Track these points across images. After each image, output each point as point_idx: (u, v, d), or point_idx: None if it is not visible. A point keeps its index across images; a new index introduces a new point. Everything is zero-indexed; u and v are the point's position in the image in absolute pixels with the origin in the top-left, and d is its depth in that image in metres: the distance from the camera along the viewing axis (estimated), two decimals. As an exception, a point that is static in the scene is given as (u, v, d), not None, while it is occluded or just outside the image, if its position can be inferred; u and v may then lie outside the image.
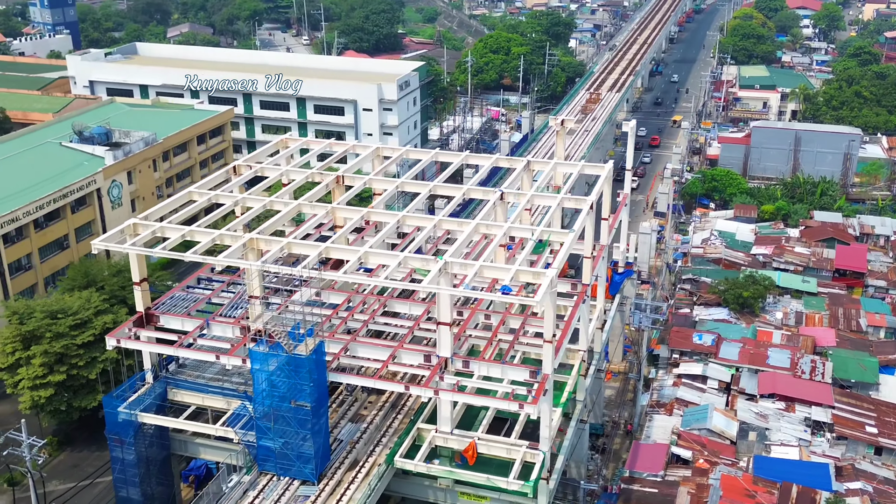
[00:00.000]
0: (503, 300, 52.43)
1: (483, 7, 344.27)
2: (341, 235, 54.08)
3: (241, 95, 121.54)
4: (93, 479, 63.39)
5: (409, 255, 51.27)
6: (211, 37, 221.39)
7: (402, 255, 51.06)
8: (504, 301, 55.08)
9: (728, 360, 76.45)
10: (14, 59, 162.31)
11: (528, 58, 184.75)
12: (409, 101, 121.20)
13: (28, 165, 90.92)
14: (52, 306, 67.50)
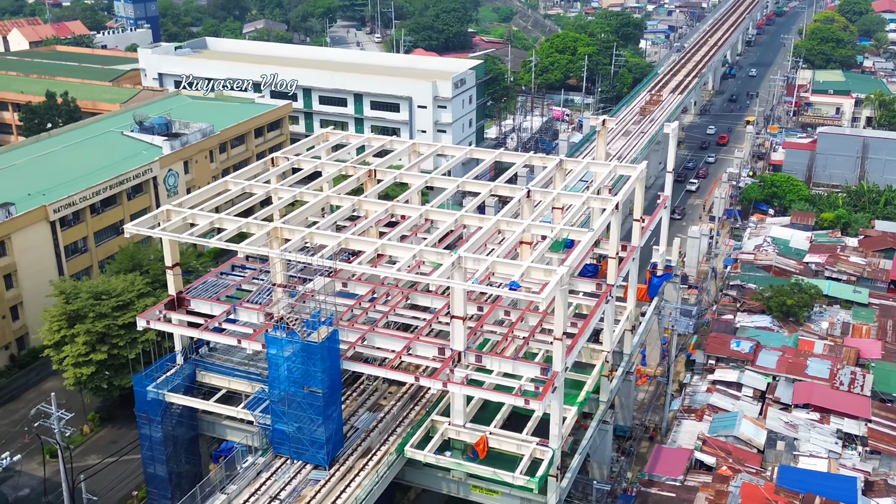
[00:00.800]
0: (523, 297, 52.49)
1: (558, 7, 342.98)
2: (361, 227, 55.12)
3: (301, 91, 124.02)
4: (119, 455, 65.97)
5: (424, 248, 51.98)
6: (284, 33, 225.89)
7: (417, 247, 51.86)
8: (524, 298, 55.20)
9: (765, 368, 74.98)
10: (92, 51, 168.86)
11: (595, 58, 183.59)
12: (465, 98, 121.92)
13: (90, 153, 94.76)
14: (97, 287, 70.38)
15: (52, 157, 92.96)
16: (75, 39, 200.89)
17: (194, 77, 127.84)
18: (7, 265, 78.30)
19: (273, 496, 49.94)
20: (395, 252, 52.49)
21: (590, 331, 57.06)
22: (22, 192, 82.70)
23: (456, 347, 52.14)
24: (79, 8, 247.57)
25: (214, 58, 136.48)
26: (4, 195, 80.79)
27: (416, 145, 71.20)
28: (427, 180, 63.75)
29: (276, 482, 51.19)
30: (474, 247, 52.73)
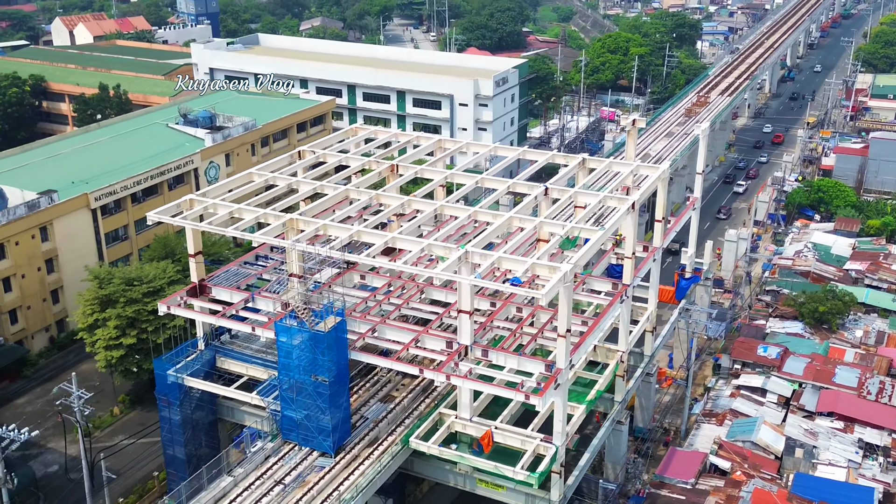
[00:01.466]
0: (523, 293, 52.70)
1: (618, 7, 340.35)
2: (375, 220, 55.98)
3: (345, 87, 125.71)
4: (139, 437, 68.10)
5: (432, 242, 52.60)
6: (340, 31, 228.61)
7: (426, 241, 52.52)
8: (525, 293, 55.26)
9: (791, 374, 73.80)
10: (150, 45, 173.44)
11: (647, 59, 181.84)
12: (507, 97, 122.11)
13: (135, 144, 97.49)
14: (129, 273, 72.57)
15: (97, 147, 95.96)
16: (137, 34, 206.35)
17: (243, 72, 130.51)
18: (49, 250, 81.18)
19: (278, 480, 51.12)
20: (405, 245, 53.12)
21: (601, 330, 56.96)
22: (66, 181, 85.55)
23: (463, 341, 52.66)
24: (144, 4, 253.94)
25: (263, 54, 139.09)
26: (49, 183, 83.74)
27: (441, 141, 71.83)
28: (446, 176, 64.32)
29: (283, 467, 52.38)
30: (484, 242, 53.16)
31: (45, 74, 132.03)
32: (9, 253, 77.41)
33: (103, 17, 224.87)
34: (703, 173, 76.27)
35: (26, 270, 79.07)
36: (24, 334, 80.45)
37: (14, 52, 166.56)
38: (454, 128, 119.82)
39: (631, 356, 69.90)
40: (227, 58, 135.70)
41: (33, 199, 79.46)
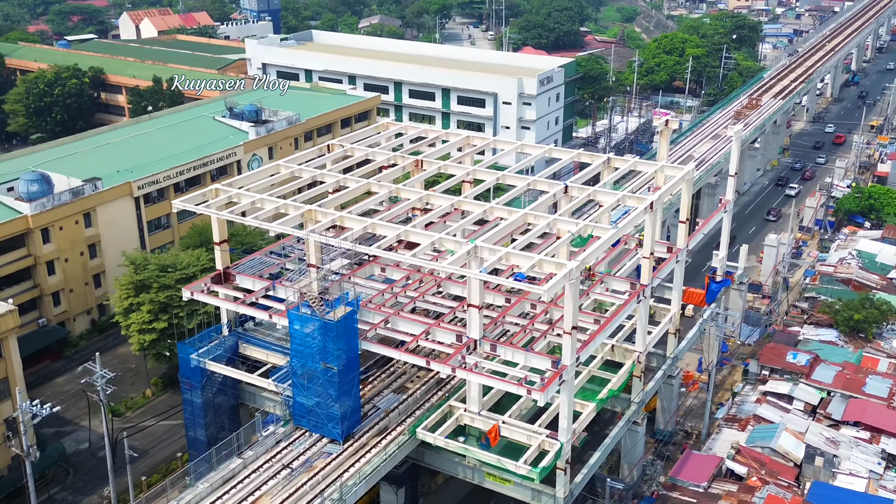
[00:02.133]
0: (526, 288, 52.86)
1: (682, 8, 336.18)
2: (391, 213, 56.82)
3: (392, 84, 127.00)
4: (162, 418, 70.28)
5: (443, 236, 53.21)
6: (397, 28, 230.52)
7: (437, 235, 53.15)
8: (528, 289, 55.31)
9: (820, 382, 72.48)
10: (209, 40, 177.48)
11: (704, 60, 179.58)
12: (551, 96, 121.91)
13: (181, 135, 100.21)
14: (164, 260, 74.79)
15: (144, 137, 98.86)
16: (199, 30, 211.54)
17: (294, 68, 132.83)
18: (92, 235, 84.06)
19: (286, 464, 52.30)
20: (416, 238, 53.85)
21: (612, 328, 56.86)
22: (111, 169, 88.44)
23: (472, 335, 53.16)
24: (209, 0, 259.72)
25: (315, 50, 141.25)
26: (95, 171, 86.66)
27: (468, 138, 72.38)
28: (468, 172, 64.86)
29: (292, 452, 53.54)
30: (496, 237, 53.60)
31: (105, 67, 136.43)
32: (53, 237, 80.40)
33: (168, 12, 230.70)
34: (735, 175, 75.19)
35: (69, 255, 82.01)
36: (67, 316, 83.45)
37: (78, 45, 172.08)
38: (497, 126, 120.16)
39: (653, 358, 69.84)
40: (280, 54, 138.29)
41: (78, 185, 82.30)
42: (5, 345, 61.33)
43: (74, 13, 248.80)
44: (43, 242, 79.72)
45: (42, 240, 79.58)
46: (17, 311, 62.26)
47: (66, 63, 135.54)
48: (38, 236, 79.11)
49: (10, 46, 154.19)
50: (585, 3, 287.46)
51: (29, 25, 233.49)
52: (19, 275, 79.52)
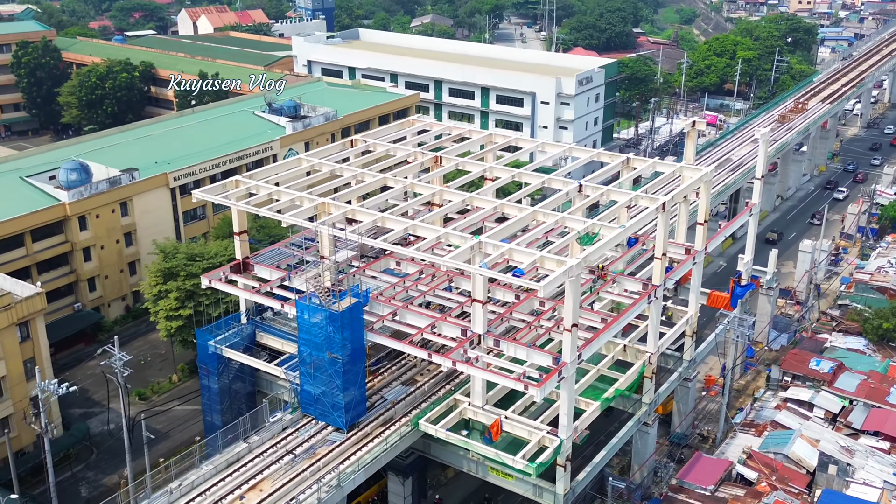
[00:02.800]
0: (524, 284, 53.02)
1: (742, 10, 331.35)
2: (401, 209, 57.63)
3: (432, 82, 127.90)
4: (176, 403, 72.24)
5: (449, 231, 53.83)
6: (448, 28, 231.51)
7: (443, 230, 53.81)
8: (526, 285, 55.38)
9: (843, 390, 71.21)
10: (261, 38, 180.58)
11: (755, 63, 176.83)
12: (591, 97, 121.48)
13: (220, 129, 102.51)
14: (193, 249, 76.79)
15: (185, 130, 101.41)
16: (254, 27, 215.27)
17: (338, 65, 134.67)
18: (128, 224, 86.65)
19: (290, 450, 53.50)
20: (423, 232, 54.56)
21: (618, 328, 56.86)
22: (150, 160, 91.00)
23: (476, 330, 53.70)
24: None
25: (360, 48, 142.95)
26: (132, 161, 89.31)
27: (491, 135, 72.87)
28: (485, 169, 65.37)
29: (297, 438, 54.73)
30: (503, 234, 54.06)
31: (155, 61, 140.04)
32: (90, 225, 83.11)
33: (225, 9, 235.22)
34: (762, 179, 74.36)
35: (105, 242, 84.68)
36: (101, 302, 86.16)
37: (133, 40, 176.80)
38: (535, 125, 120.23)
39: (670, 360, 69.50)
40: (325, 51, 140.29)
41: (115, 175, 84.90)
42: (32, 326, 63.72)
43: (136, 10, 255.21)
44: (80, 230, 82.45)
45: (79, 227, 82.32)
46: (44, 295, 64.64)
47: (119, 57, 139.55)
48: (75, 223, 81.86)
49: (67, 41, 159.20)
50: (642, 5, 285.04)
51: (93, 21, 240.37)
52: (57, 260, 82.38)
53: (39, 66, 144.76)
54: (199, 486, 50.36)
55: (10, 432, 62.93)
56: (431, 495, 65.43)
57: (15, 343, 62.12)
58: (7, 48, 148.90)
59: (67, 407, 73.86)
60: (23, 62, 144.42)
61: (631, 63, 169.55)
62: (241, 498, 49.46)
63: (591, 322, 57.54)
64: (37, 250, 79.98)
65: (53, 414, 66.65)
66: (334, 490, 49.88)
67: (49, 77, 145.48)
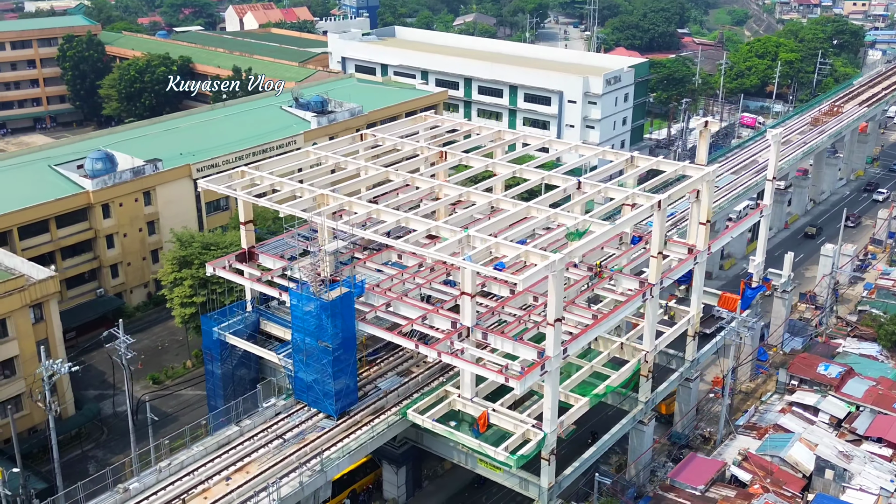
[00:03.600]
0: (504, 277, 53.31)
1: (795, 12, 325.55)
2: (395, 201, 58.56)
3: (462, 80, 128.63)
4: (180, 387, 74.14)
5: (440, 224, 54.59)
6: (490, 27, 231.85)
7: (433, 223, 54.61)
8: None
9: (850, 395, 70.30)
10: (301, 34, 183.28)
11: (797, 65, 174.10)
12: (619, 96, 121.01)
13: (247, 123, 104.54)
14: (208, 239, 78.70)
15: (213, 123, 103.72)
16: (298, 24, 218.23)
17: (371, 62, 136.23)
18: (151, 213, 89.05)
19: (279, 435, 54.78)
20: (414, 225, 55.41)
21: (608, 324, 57.03)
22: (174, 152, 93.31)
23: (465, 323, 54.40)
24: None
25: (395, 46, 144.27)
26: (158, 152, 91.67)
27: (500, 132, 73.42)
28: (487, 165, 65.99)
29: (288, 424, 55.98)
30: (493, 228, 54.66)
31: (193, 56, 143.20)
32: (113, 213, 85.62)
33: (272, 6, 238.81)
34: (773, 180, 73.67)
35: (128, 230, 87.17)
36: (124, 288, 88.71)
37: (177, 35, 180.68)
38: (562, 124, 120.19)
39: (673, 360, 69.37)
40: (358, 48, 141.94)
41: (139, 165, 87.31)
42: (46, 308, 66.06)
43: (186, 6, 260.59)
44: (103, 217, 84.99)
45: (102, 215, 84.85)
46: (57, 278, 67.02)
47: (159, 52, 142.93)
48: (99, 211, 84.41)
49: (113, 35, 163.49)
50: (691, 5, 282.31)
51: (144, 17, 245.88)
52: (80, 246, 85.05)
53: (83, 59, 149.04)
54: (189, 466, 51.85)
55: (23, 410, 65.35)
56: (427, 486, 66.26)
57: (28, 324, 64.48)
58: (54, 42, 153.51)
59: (83, 388, 76.37)
60: (67, 55, 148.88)
61: (669, 64, 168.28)
62: (228, 479, 50.84)
63: (584, 318, 57.74)
64: (61, 236, 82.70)
65: (66, 394, 69.10)
66: (317, 474, 50.99)
67: (92, 70, 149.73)
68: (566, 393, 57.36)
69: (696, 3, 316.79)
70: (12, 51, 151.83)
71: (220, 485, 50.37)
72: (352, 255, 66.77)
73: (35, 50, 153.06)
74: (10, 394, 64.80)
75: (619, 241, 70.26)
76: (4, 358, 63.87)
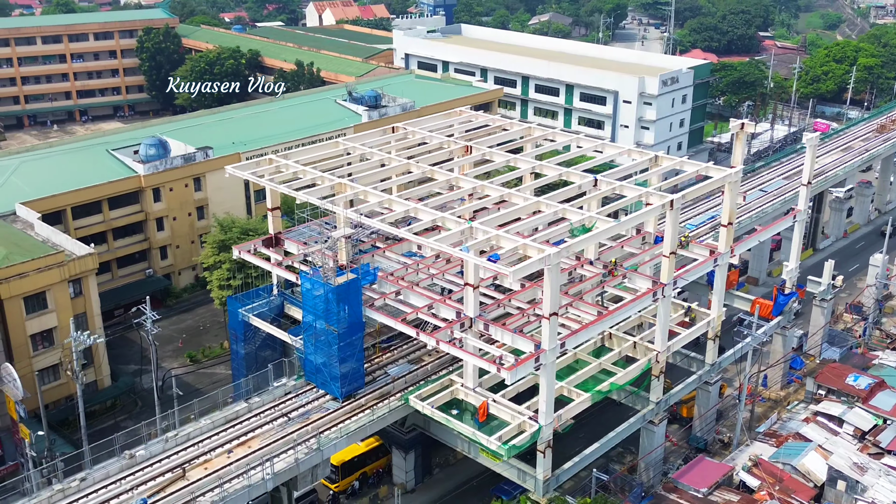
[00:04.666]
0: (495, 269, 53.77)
1: (891, 16, 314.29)
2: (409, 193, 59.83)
3: (519, 78, 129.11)
4: (200, 366, 77.37)
5: (446, 215, 55.64)
6: (564, 26, 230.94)
7: (439, 214, 55.72)
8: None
9: (878, 408, 68.41)
10: (371, 31, 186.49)
11: (877, 70, 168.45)
12: (676, 97, 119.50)
13: (301, 115, 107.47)
14: (248, 225, 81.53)
15: (268, 114, 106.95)
16: (374, 21, 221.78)
17: (432, 59, 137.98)
18: (200, 199, 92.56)
19: (285, 413, 56.74)
20: (421, 215, 56.61)
21: (611, 322, 57.15)
22: (228, 141, 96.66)
23: (468, 313, 55.38)
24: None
25: (459, 43, 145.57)
26: (212, 141, 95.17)
27: (530, 129, 74.02)
28: (509, 160, 66.73)
29: (294, 403, 57.91)
30: (499, 220, 55.48)
31: (262, 50, 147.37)
32: (163, 197, 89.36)
33: (351, 3, 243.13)
34: (808, 185, 72.21)
35: (178, 214, 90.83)
36: (172, 269, 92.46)
37: (252, 30, 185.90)
38: (616, 124, 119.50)
39: (693, 363, 68.80)
40: (422, 45, 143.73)
41: (190, 153, 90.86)
42: (85, 283, 69.67)
43: (271, 2, 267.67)
44: (154, 201, 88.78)
45: (153, 198, 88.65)
46: (96, 255, 70.48)
47: (231, 45, 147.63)
48: (150, 195, 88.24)
49: (190, 28, 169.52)
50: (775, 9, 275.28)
51: (231, 12, 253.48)
52: (132, 228, 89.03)
53: (160, 50, 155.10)
54: (195, 438, 54.21)
55: (60, 379, 69.14)
56: (437, 474, 67.37)
57: (67, 297, 68.15)
58: (134, 33, 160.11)
59: (124, 362, 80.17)
60: (145, 47, 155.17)
61: (740, 66, 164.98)
62: (230, 452, 53.00)
63: (585, 314, 58.00)
64: (113, 217, 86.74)
65: (102, 366, 72.76)
66: (314, 452, 52.68)
67: (168, 61, 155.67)
68: (569, 388, 57.76)
69: (787, 6, 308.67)
70: (95, 41, 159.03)
71: (221, 457, 52.55)
72: (373, 243, 68.41)
73: (116, 41, 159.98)
74: (49, 363, 68.52)
75: (643, 240, 70.09)
76: (44, 329, 67.56)
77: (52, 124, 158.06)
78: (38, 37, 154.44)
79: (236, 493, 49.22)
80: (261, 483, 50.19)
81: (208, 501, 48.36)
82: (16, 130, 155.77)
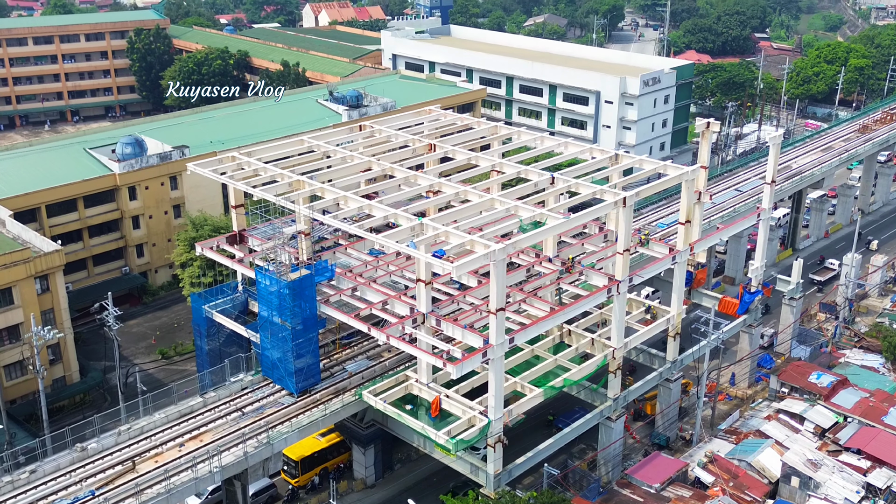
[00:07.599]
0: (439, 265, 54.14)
1: (892, 17, 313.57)
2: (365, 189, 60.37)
3: (504, 78, 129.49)
4: (177, 362, 78.02)
5: (398, 212, 56.09)
6: (559, 28, 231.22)
7: (391, 210, 56.19)
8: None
9: (839, 406, 68.67)
10: (363, 32, 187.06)
11: (868, 72, 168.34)
12: (658, 98, 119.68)
13: (281, 114, 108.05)
14: (219, 223, 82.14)
15: (248, 114, 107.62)
16: (369, 23, 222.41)
17: (419, 60, 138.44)
18: (176, 197, 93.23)
19: (240, 408, 57.27)
20: (374, 212, 57.07)
21: (562, 318, 57.50)
22: (205, 140, 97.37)
23: (420, 309, 55.82)
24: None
25: (445, 44, 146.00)
26: (189, 139, 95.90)
27: (496, 127, 74.45)
28: (471, 157, 67.14)
29: (250, 398, 58.42)
30: (449, 217, 55.92)
31: (251, 50, 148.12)
32: (139, 195, 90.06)
33: (347, 5, 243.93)
34: (772, 184, 72.40)
35: (154, 212, 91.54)
36: (148, 267, 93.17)
37: (243, 30, 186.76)
38: (598, 124, 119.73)
39: (655, 360, 69.10)
40: (409, 45, 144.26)
41: (167, 151, 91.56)
42: (52, 279, 70.35)
43: (269, 3, 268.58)
44: (129, 199, 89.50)
45: (129, 196, 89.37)
46: (63, 252, 71.15)
47: (221, 46, 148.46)
48: (125, 193, 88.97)
49: (181, 29, 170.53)
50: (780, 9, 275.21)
51: (229, 14, 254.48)
52: (108, 226, 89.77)
53: (150, 51, 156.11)
54: (148, 432, 54.78)
55: (26, 375, 69.82)
56: (399, 469, 67.78)
57: (33, 293, 68.83)
58: (126, 34, 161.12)
59: (95, 359, 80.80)
60: (136, 47, 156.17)
61: (730, 67, 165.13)
62: (181, 445, 53.55)
63: (538, 311, 58.38)
64: (88, 215, 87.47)
65: (70, 362, 73.41)
66: (263, 446, 53.19)
67: (158, 62, 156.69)
68: (522, 383, 58.16)
69: (788, 7, 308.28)
70: (86, 42, 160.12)
71: (172, 450, 53.10)
72: (336, 241, 68.99)
73: (107, 42, 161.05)
74: (15, 358, 69.21)
75: (605, 238, 70.43)
76: (10, 325, 68.27)
77: (49, 124, 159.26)
78: (29, 38, 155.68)
79: (183, 486, 49.78)
80: (208, 476, 50.72)
81: (154, 494, 48.89)
82: (7, 131, 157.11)
